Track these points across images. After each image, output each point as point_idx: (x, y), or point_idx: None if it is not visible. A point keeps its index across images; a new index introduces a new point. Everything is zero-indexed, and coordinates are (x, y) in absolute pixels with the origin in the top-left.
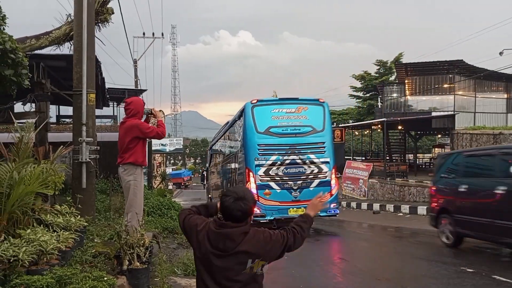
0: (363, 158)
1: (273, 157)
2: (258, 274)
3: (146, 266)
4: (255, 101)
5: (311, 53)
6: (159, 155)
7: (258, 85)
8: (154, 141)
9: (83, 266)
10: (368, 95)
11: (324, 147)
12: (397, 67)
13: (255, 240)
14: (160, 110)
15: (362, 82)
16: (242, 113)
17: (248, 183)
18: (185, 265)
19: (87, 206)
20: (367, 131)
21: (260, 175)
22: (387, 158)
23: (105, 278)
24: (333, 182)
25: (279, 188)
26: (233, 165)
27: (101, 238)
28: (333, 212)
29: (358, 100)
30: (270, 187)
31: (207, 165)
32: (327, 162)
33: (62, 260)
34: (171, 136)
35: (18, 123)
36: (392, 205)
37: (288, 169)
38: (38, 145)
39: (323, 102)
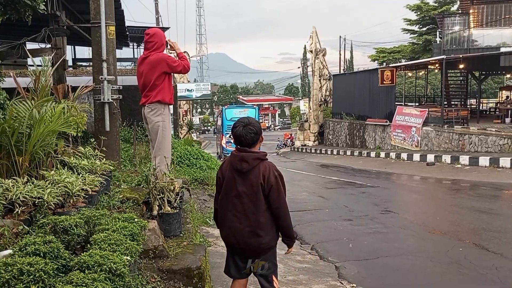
0: (417, 104)
1: None
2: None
3: (177, 211)
4: (226, 106)
5: None
6: (185, 102)
7: (297, 22)
8: (179, 87)
9: (111, 211)
10: (424, 29)
11: None
12: None
13: (267, 170)
14: (184, 52)
15: (418, 13)
16: (221, 111)
17: (222, 139)
18: None
19: (112, 151)
20: (422, 72)
21: (226, 137)
22: (445, 103)
23: (136, 220)
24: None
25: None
26: (219, 131)
27: (128, 184)
28: None
29: (412, 36)
30: (231, 142)
31: (217, 124)
32: None
33: (89, 204)
34: (197, 81)
35: (33, 65)
36: (449, 156)
37: None
38: (56, 84)
39: (256, 107)
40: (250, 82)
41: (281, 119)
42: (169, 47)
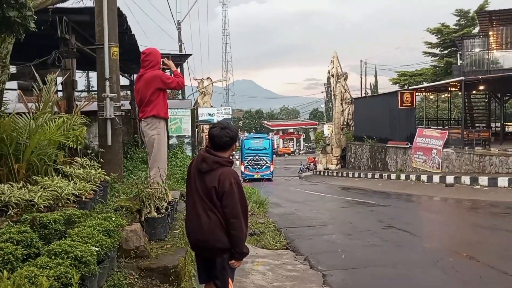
0: (440, 127)
1: (250, 157)
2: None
3: (162, 216)
4: (244, 137)
5: (386, 7)
6: (208, 126)
7: (323, 47)
8: (200, 111)
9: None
10: (445, 51)
11: (268, 154)
12: (479, 17)
13: (223, 176)
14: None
15: (439, 36)
16: (242, 141)
17: (242, 165)
18: None
19: (114, 164)
20: (445, 95)
21: (245, 163)
22: (469, 124)
23: (113, 218)
24: (271, 166)
25: (251, 167)
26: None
27: (126, 196)
28: (270, 176)
29: (433, 58)
30: (249, 167)
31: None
32: (269, 159)
33: (81, 210)
34: (222, 106)
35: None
36: (468, 177)
37: (255, 161)
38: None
39: (270, 138)
40: (276, 107)
41: (306, 144)
42: (166, 66)
